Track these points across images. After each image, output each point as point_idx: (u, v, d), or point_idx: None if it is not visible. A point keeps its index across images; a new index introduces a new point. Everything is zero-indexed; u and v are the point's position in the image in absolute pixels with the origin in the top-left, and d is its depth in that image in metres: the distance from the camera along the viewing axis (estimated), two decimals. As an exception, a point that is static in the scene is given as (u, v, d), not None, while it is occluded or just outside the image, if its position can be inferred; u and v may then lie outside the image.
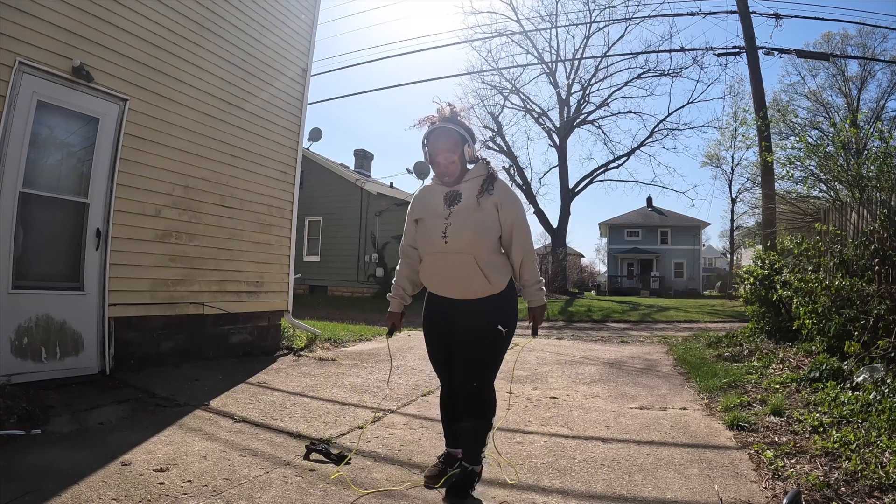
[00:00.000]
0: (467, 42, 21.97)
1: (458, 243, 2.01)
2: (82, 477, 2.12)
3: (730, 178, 32.25)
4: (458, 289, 2.07)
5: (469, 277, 2.02)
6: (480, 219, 2.03)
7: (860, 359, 3.89)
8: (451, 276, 2.06)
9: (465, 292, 2.07)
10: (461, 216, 2.03)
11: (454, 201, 2.07)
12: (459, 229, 2.01)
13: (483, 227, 2.03)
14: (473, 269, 2.00)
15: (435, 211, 2.09)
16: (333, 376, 4.44)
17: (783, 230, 9.78)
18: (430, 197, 2.16)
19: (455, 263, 2.03)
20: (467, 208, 2.05)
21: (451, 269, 2.04)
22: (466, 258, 2.00)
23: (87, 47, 3.74)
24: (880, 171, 5.22)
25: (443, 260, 2.05)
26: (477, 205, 2.04)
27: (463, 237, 2.00)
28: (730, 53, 13.88)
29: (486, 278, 2.02)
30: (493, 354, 2.08)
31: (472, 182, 2.09)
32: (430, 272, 2.13)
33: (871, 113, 22.60)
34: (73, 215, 3.81)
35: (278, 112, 5.68)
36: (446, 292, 2.11)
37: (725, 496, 2.14)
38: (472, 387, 2.05)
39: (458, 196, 2.08)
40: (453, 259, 2.03)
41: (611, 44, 23.38)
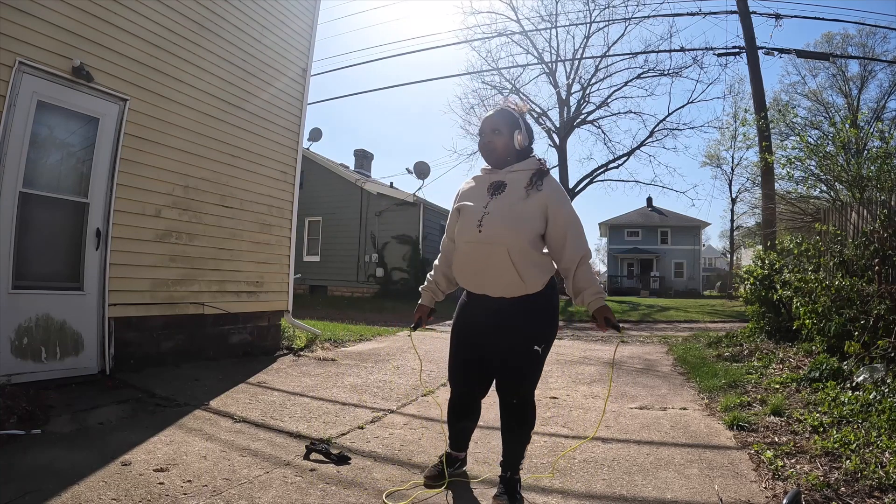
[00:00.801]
0: (467, 42, 21.98)
1: (492, 233, 1.90)
2: (82, 477, 2.12)
3: (730, 178, 32.32)
4: (489, 283, 1.95)
5: (500, 271, 1.90)
6: (522, 210, 1.93)
7: (860, 359, 3.89)
8: (482, 269, 1.95)
9: (496, 287, 1.95)
10: (501, 206, 1.95)
11: (497, 191, 1.99)
12: (496, 218, 1.92)
13: (523, 220, 1.91)
14: (505, 263, 1.88)
15: (476, 199, 2.02)
16: (333, 376, 4.44)
17: (783, 230, 9.79)
18: (474, 186, 2.10)
19: (487, 254, 1.92)
20: (510, 199, 1.96)
21: (482, 260, 1.93)
22: (499, 249, 1.89)
23: (87, 47, 3.74)
24: (880, 171, 5.23)
25: (475, 249, 1.95)
26: (523, 196, 1.94)
27: (498, 227, 1.90)
28: (730, 53, 13.89)
29: (518, 274, 1.89)
30: (531, 372, 2.01)
31: (519, 174, 2.01)
32: (461, 262, 2.03)
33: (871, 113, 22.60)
34: (73, 215, 3.81)
35: (278, 112, 5.68)
36: (476, 286, 2.00)
37: (725, 496, 2.14)
38: (513, 403, 2.02)
39: (503, 186, 2.00)
40: (486, 249, 1.91)
41: (611, 44, 23.39)
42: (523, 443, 2.09)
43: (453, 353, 2.15)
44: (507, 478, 2.06)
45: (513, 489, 2.04)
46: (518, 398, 2.02)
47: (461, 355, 2.12)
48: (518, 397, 2.02)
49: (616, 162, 23.08)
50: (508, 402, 2.03)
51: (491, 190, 2.01)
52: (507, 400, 2.03)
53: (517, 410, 2.03)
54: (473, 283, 2.02)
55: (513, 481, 2.06)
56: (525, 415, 2.06)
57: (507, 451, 2.09)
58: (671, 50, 20.12)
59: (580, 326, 11.68)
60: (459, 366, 2.12)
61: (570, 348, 6.86)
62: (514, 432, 2.07)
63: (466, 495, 2.18)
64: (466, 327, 2.09)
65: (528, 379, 2.01)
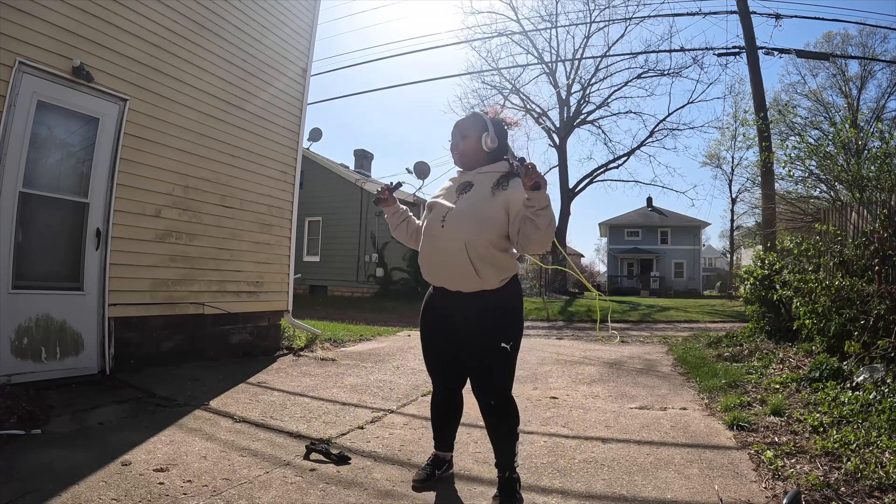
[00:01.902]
0: (467, 42, 22.03)
1: (452, 229, 1.98)
2: (82, 477, 2.12)
3: (730, 178, 32.31)
4: (448, 277, 2.02)
5: (457, 266, 1.96)
6: (485, 209, 1.96)
7: (860, 359, 3.89)
8: (441, 262, 2.02)
9: (452, 281, 2.01)
10: (466, 204, 2.01)
11: (465, 190, 2.06)
12: (457, 215, 1.99)
13: (485, 218, 1.95)
14: (462, 258, 1.93)
15: (447, 198, 2.10)
16: (333, 376, 4.44)
17: (783, 230, 9.78)
18: (449, 186, 2.18)
19: (446, 249, 1.98)
20: (475, 198, 2.01)
21: (442, 254, 2.00)
22: (457, 244, 1.94)
23: (87, 47, 3.74)
24: (880, 172, 5.22)
25: (435, 243, 2.03)
26: (488, 195, 1.99)
27: (458, 223, 1.97)
28: (730, 53, 13.90)
29: (474, 270, 1.94)
30: (504, 370, 2.03)
31: (488, 175, 2.06)
32: (423, 255, 2.09)
33: (871, 113, 22.61)
34: (73, 215, 3.81)
35: (278, 112, 5.68)
36: (436, 279, 2.08)
37: (725, 496, 2.14)
38: (491, 404, 2.05)
39: (470, 186, 2.07)
40: (445, 244, 1.99)
41: (611, 44, 23.44)
42: (511, 440, 2.08)
43: (424, 348, 2.22)
44: (504, 478, 2.06)
45: (511, 489, 2.04)
46: (495, 398, 2.04)
47: (430, 349, 2.19)
48: (494, 397, 2.04)
49: (616, 162, 23.12)
50: (487, 403, 2.05)
51: (460, 189, 2.09)
52: (484, 401, 2.05)
53: (497, 410, 2.06)
54: (433, 276, 2.08)
55: (511, 481, 2.05)
56: (505, 412, 2.07)
57: (497, 451, 2.09)
58: (671, 50, 20.19)
59: (580, 326, 11.68)
60: (430, 358, 2.20)
61: (569, 348, 6.86)
62: (498, 430, 2.08)
63: (465, 495, 2.18)
64: (433, 322, 2.15)
65: (499, 377, 2.03)
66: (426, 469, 2.26)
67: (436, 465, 2.27)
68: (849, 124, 7.37)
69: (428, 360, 2.21)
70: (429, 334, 2.18)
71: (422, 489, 2.17)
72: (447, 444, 2.32)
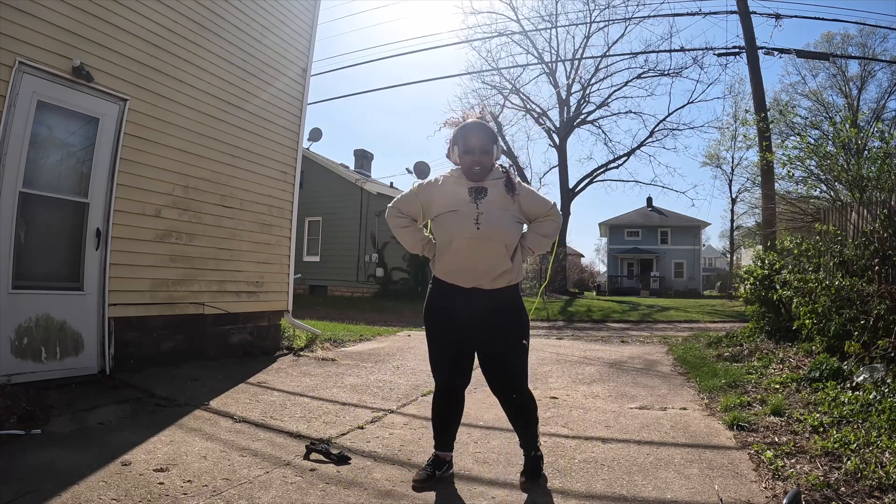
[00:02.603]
0: (467, 42, 22.03)
1: (489, 230, 2.10)
2: (82, 477, 2.12)
3: (730, 178, 32.32)
4: (483, 273, 2.13)
5: (497, 263, 2.12)
6: (509, 213, 2.17)
7: (860, 359, 3.89)
8: (481, 261, 2.12)
9: (486, 277, 2.13)
10: (491, 207, 2.14)
11: (480, 195, 2.15)
12: (491, 218, 2.12)
13: (511, 221, 2.17)
14: (502, 256, 2.12)
15: (461, 202, 2.15)
16: (333, 376, 4.44)
17: (783, 230, 9.78)
18: (448, 189, 2.20)
19: (484, 248, 2.11)
20: (496, 202, 2.16)
21: (480, 252, 2.11)
22: (497, 245, 2.12)
23: (87, 47, 3.74)
24: (880, 172, 5.21)
25: (473, 244, 2.11)
26: (507, 199, 2.17)
27: (494, 225, 2.11)
28: (730, 53, 13.92)
29: (510, 263, 2.15)
30: (523, 364, 2.24)
31: (496, 182, 2.20)
32: (455, 256, 2.14)
33: (871, 113, 22.61)
34: (73, 215, 3.81)
35: (278, 112, 5.68)
36: (471, 280, 2.14)
37: (725, 496, 2.14)
38: (513, 398, 2.25)
39: (485, 191, 2.17)
40: (483, 244, 2.11)
41: (611, 44, 23.45)
42: (534, 424, 2.34)
43: (434, 347, 2.27)
44: (531, 456, 2.31)
45: (536, 465, 2.30)
46: (517, 391, 2.25)
47: (441, 346, 2.25)
48: (517, 391, 2.25)
49: (616, 162, 23.12)
50: (510, 397, 2.26)
51: (473, 194, 2.16)
52: (508, 395, 2.25)
53: (519, 401, 2.27)
54: (467, 277, 2.14)
55: (535, 458, 2.32)
56: (527, 402, 2.30)
57: (522, 435, 2.33)
58: (671, 50, 20.18)
59: (580, 326, 11.68)
60: (442, 357, 2.25)
61: (569, 348, 6.86)
62: (521, 419, 2.31)
63: (466, 495, 2.18)
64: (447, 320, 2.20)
65: (523, 372, 2.25)
66: (426, 469, 2.27)
67: (436, 465, 2.29)
68: (849, 124, 7.36)
69: (437, 359, 2.26)
70: (441, 334, 2.23)
71: (422, 489, 2.18)
72: (447, 445, 2.34)
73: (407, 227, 2.31)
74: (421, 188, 2.27)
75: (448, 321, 2.20)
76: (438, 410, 2.32)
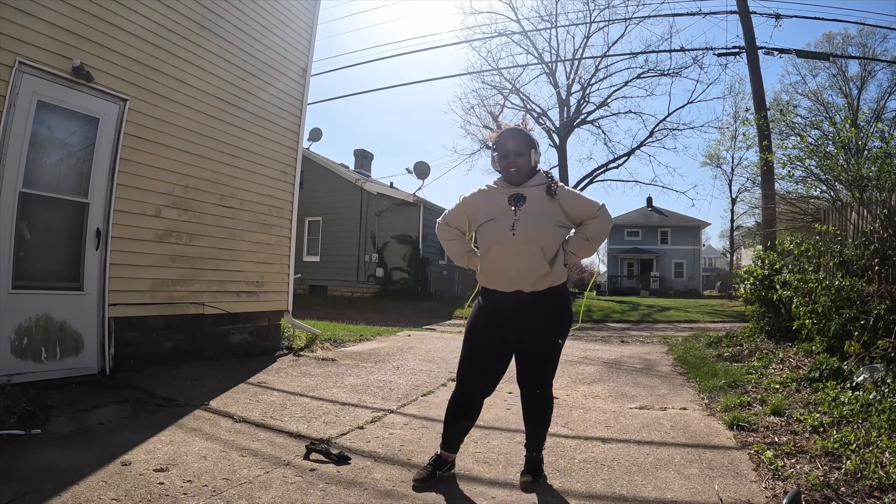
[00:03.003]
0: (467, 42, 21.97)
1: (525, 236, 2.14)
2: (82, 477, 2.12)
3: (730, 178, 32.28)
4: (522, 277, 2.16)
5: (533, 267, 2.14)
6: (547, 216, 2.19)
7: (860, 359, 3.89)
8: (516, 265, 2.16)
9: (526, 281, 2.16)
10: (528, 213, 2.18)
11: (519, 202, 2.20)
12: (527, 224, 2.16)
13: (549, 224, 2.18)
14: (538, 259, 2.14)
15: (501, 210, 2.22)
16: (333, 376, 4.44)
17: (783, 230, 9.77)
18: (491, 199, 2.27)
19: (521, 253, 2.15)
20: (534, 207, 2.19)
21: (517, 258, 2.15)
22: (533, 248, 2.14)
23: (87, 47, 3.74)
24: (880, 172, 5.21)
25: (510, 250, 2.17)
26: (545, 204, 2.20)
27: (530, 231, 2.15)
28: (730, 53, 13.89)
29: (548, 267, 2.15)
30: (554, 363, 2.30)
31: (536, 188, 2.23)
32: (494, 263, 2.21)
33: (871, 113, 22.60)
34: (73, 215, 3.81)
35: (278, 112, 5.68)
36: (509, 284, 2.18)
37: (725, 496, 2.14)
38: (537, 394, 2.29)
39: (523, 198, 2.21)
40: (520, 249, 2.15)
41: (611, 44, 23.41)
42: (546, 425, 2.36)
43: (473, 351, 2.26)
44: (532, 457, 2.34)
45: (537, 466, 2.32)
46: (542, 388, 2.30)
47: (481, 354, 2.25)
48: (542, 387, 2.30)
49: (616, 162, 23.05)
50: (532, 394, 2.30)
51: (512, 202, 2.21)
52: (531, 392, 2.30)
53: (541, 399, 2.31)
54: (506, 281, 2.19)
55: (537, 460, 2.34)
56: (549, 401, 2.35)
57: (532, 435, 2.35)
58: (671, 50, 20.12)
59: (580, 326, 11.68)
60: (477, 364, 2.25)
61: (569, 348, 6.85)
62: (538, 417, 2.34)
63: (466, 495, 2.18)
64: (491, 327, 2.22)
65: (551, 369, 2.30)
66: (427, 469, 2.28)
67: (437, 465, 2.30)
68: (849, 124, 7.36)
69: (473, 363, 2.26)
70: (483, 340, 2.24)
71: (422, 489, 2.18)
72: (454, 447, 2.36)
73: (453, 239, 2.39)
74: (465, 201, 2.34)
75: (491, 330, 2.22)
76: (456, 413, 2.31)
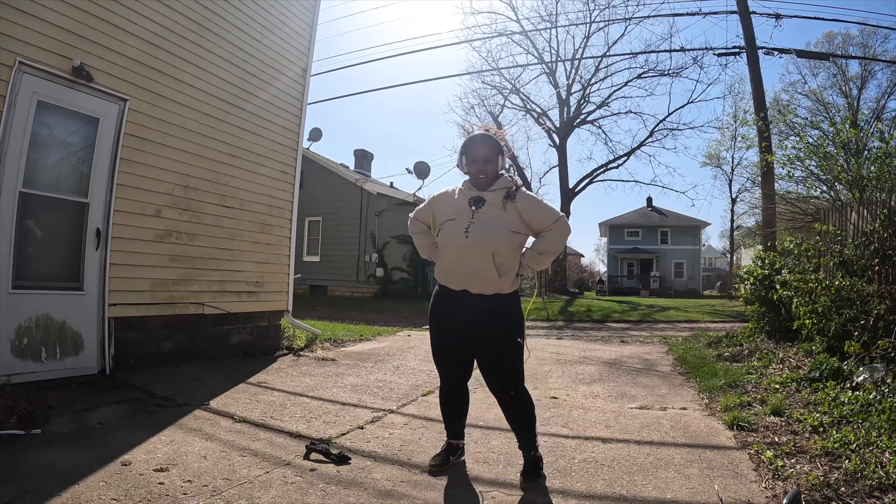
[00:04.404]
0: (467, 42, 21.99)
1: (477, 239, 2.19)
2: (82, 477, 2.12)
3: (730, 178, 32.28)
4: (471, 281, 2.24)
5: (482, 270, 2.20)
6: (501, 220, 2.23)
7: (860, 359, 3.88)
8: (467, 267, 2.23)
9: (476, 285, 2.24)
10: (484, 216, 2.23)
11: (479, 204, 2.26)
12: (481, 227, 2.21)
13: (501, 228, 2.22)
14: (488, 265, 2.19)
15: (460, 211, 2.28)
16: (333, 376, 4.44)
17: (783, 230, 9.77)
18: (454, 199, 2.34)
19: (472, 255, 2.21)
20: (491, 211, 2.24)
21: (468, 260, 2.22)
22: (484, 253, 2.19)
23: (87, 47, 3.74)
24: (880, 172, 5.22)
25: (462, 251, 2.23)
26: (501, 208, 2.24)
27: (482, 234, 2.20)
28: (730, 53, 13.90)
29: (497, 273, 2.20)
30: (518, 362, 2.30)
31: (497, 192, 2.28)
32: (447, 262, 2.31)
33: (871, 113, 22.59)
34: (73, 215, 3.81)
35: (278, 112, 5.68)
36: (458, 283, 2.27)
37: (725, 496, 2.14)
38: (511, 395, 2.30)
39: (483, 201, 2.26)
40: (471, 252, 2.21)
41: (611, 44, 23.45)
42: (531, 423, 2.36)
43: (435, 344, 2.42)
44: (530, 456, 2.33)
45: (535, 465, 2.31)
46: (514, 388, 2.30)
47: (442, 344, 2.39)
48: (514, 387, 2.30)
49: (616, 162, 23.10)
50: (507, 395, 2.30)
51: (472, 203, 2.27)
52: (505, 393, 2.30)
53: (516, 399, 2.31)
54: (456, 280, 2.29)
55: (534, 459, 2.33)
56: (523, 400, 2.33)
57: (520, 435, 2.36)
58: (671, 50, 20.16)
59: (580, 326, 11.67)
60: (441, 354, 2.40)
61: (569, 348, 6.86)
62: (518, 417, 2.34)
63: (466, 495, 2.18)
64: (446, 319, 2.34)
65: (518, 369, 2.30)
66: (441, 456, 2.43)
67: (450, 451, 2.46)
68: (849, 124, 7.36)
69: (439, 355, 2.41)
70: (441, 332, 2.38)
71: (438, 474, 2.34)
72: (458, 433, 2.50)
73: (419, 233, 2.50)
74: (433, 199, 2.44)
75: (445, 320, 2.34)
76: (446, 402, 2.47)
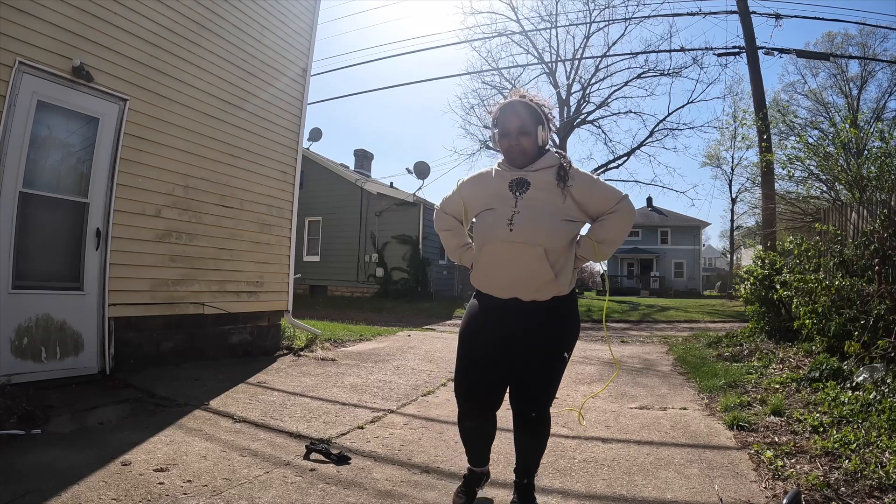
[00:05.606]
0: (467, 42, 21.98)
1: (524, 233, 1.76)
2: (82, 477, 2.12)
3: (730, 178, 32.31)
4: (519, 284, 1.79)
5: (533, 272, 1.77)
6: (552, 207, 1.79)
7: (860, 359, 3.88)
8: (513, 270, 1.79)
9: (525, 288, 1.79)
10: (531, 204, 1.79)
11: (521, 188, 1.82)
12: (528, 218, 1.77)
13: (554, 219, 1.78)
14: (540, 263, 1.75)
15: (500, 197, 1.84)
16: (333, 376, 4.44)
17: (783, 230, 9.78)
18: (491, 183, 1.90)
19: (519, 255, 1.77)
20: (537, 195, 1.81)
21: (514, 261, 1.78)
22: (534, 250, 1.75)
23: (87, 47, 3.74)
24: (880, 172, 5.22)
25: (506, 250, 1.79)
26: (550, 192, 1.80)
27: (531, 226, 1.76)
28: (730, 53, 13.88)
29: (552, 273, 1.77)
30: (555, 381, 1.89)
31: (544, 171, 1.83)
32: (487, 264, 1.85)
33: (871, 113, 22.59)
34: (73, 215, 3.81)
35: (278, 112, 5.68)
36: (505, 289, 1.82)
37: (725, 496, 2.14)
38: (532, 416, 1.89)
39: (527, 183, 1.82)
40: (518, 249, 1.77)
41: (611, 44, 23.40)
42: (542, 451, 1.99)
43: (465, 366, 1.93)
44: (523, 484, 1.96)
45: (529, 495, 1.97)
46: (538, 409, 1.88)
47: (477, 368, 1.90)
48: (539, 409, 1.88)
49: (616, 162, 23.06)
50: (528, 416, 1.88)
51: (514, 187, 1.84)
52: (526, 413, 1.88)
53: (537, 421, 1.90)
54: (500, 287, 1.83)
55: (529, 487, 1.98)
56: (544, 424, 1.92)
57: (523, 461, 1.97)
58: (671, 50, 20.12)
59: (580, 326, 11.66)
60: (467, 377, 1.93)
61: (570, 348, 6.84)
62: (533, 442, 1.94)
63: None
64: (486, 336, 1.88)
65: (552, 387, 1.89)
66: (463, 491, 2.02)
67: (473, 481, 2.05)
68: (849, 124, 7.36)
69: (461, 379, 1.95)
70: (472, 351, 1.91)
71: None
72: (481, 461, 2.07)
73: (449, 230, 2.04)
74: (463, 184, 1.99)
75: (481, 339, 1.89)
76: (462, 432, 2.03)
